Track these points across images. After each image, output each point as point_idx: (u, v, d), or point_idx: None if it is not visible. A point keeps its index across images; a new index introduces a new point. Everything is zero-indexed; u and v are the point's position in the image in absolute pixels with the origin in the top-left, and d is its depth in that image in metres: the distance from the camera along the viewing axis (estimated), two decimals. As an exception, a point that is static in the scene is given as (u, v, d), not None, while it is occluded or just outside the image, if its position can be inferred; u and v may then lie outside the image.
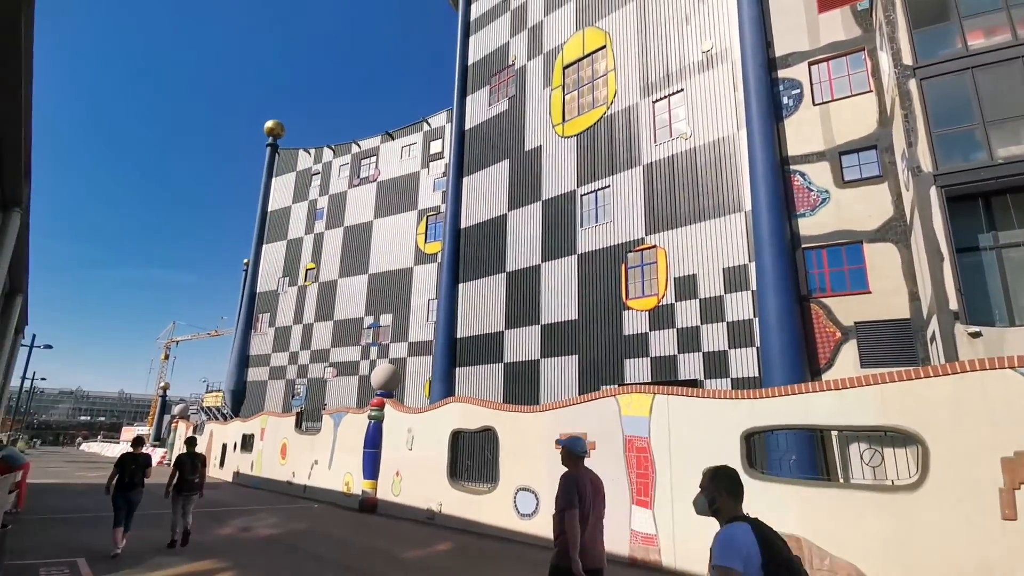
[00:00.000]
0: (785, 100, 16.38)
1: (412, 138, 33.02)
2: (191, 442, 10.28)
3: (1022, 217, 11.54)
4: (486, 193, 24.89)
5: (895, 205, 14.21)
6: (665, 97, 19.23)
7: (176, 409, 41.23)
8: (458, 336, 24.09)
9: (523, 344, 21.45)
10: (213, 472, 25.72)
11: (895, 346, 13.71)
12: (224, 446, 26.00)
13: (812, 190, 15.51)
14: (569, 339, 19.92)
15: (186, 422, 35.58)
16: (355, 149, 35.60)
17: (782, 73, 16.53)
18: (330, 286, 33.75)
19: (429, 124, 32.36)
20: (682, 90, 18.78)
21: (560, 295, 20.65)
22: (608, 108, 20.76)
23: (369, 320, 31.08)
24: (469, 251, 24.91)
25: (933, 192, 11.49)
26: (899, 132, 12.80)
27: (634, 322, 18.15)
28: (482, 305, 23.57)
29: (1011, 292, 11.32)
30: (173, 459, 17.65)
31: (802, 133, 15.91)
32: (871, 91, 15.12)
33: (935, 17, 12.48)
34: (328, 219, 35.48)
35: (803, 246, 15.30)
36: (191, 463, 9.83)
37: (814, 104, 15.92)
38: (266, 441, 21.87)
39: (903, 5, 12.61)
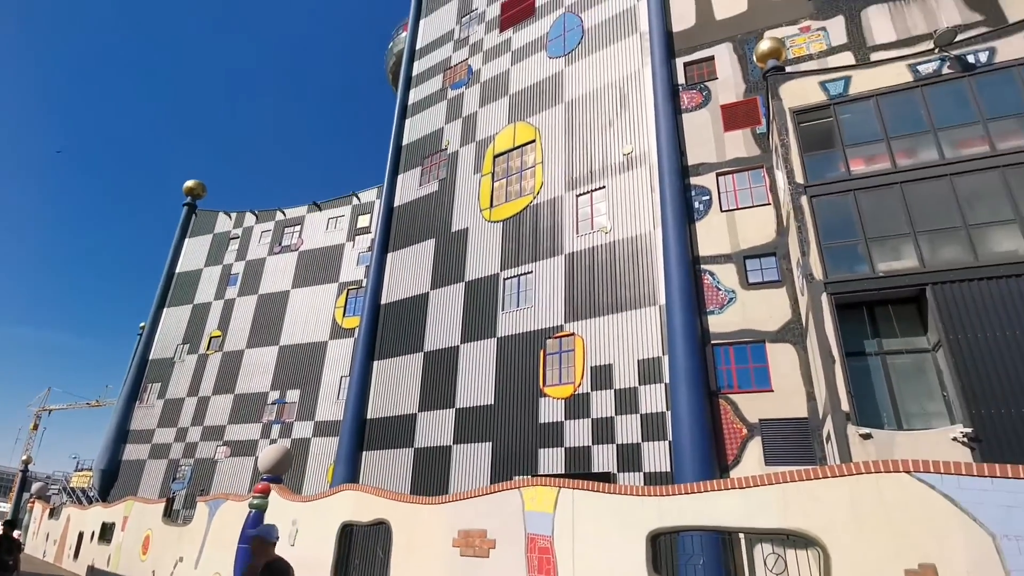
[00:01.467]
0: (697, 204, 17.52)
1: (340, 211, 32.65)
2: (9, 524, 9.23)
3: (903, 327, 12.48)
4: (410, 270, 24.58)
5: (792, 309, 15.11)
6: (588, 192, 20.14)
7: (34, 488, 35.82)
8: (368, 417, 22.73)
9: (436, 428, 20.46)
10: (67, 565, 22.01)
11: (796, 444, 14.06)
12: (80, 534, 22.46)
13: (720, 289, 16.30)
14: (484, 425, 19.20)
15: (43, 503, 30.80)
16: (279, 216, 34.69)
17: (694, 180, 17.79)
18: (235, 356, 31.45)
19: (359, 198, 32.24)
20: (604, 187, 19.76)
21: (477, 378, 20.12)
22: (535, 198, 21.45)
23: (275, 395, 28.94)
24: (388, 328, 24.13)
25: (824, 299, 12.29)
26: (794, 242, 13.84)
27: (550, 410, 17.81)
28: (396, 385, 22.55)
29: (897, 397, 12.00)
30: None
31: (711, 236, 16.93)
32: (770, 204, 16.47)
33: (822, 144, 13.95)
34: (242, 285, 33.69)
35: (712, 342, 15.82)
36: (6, 544, 8.85)
37: (722, 211, 17.10)
38: (128, 531, 19.05)
39: (795, 132, 14.05)
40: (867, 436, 10.98)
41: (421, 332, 22.74)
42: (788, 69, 15.68)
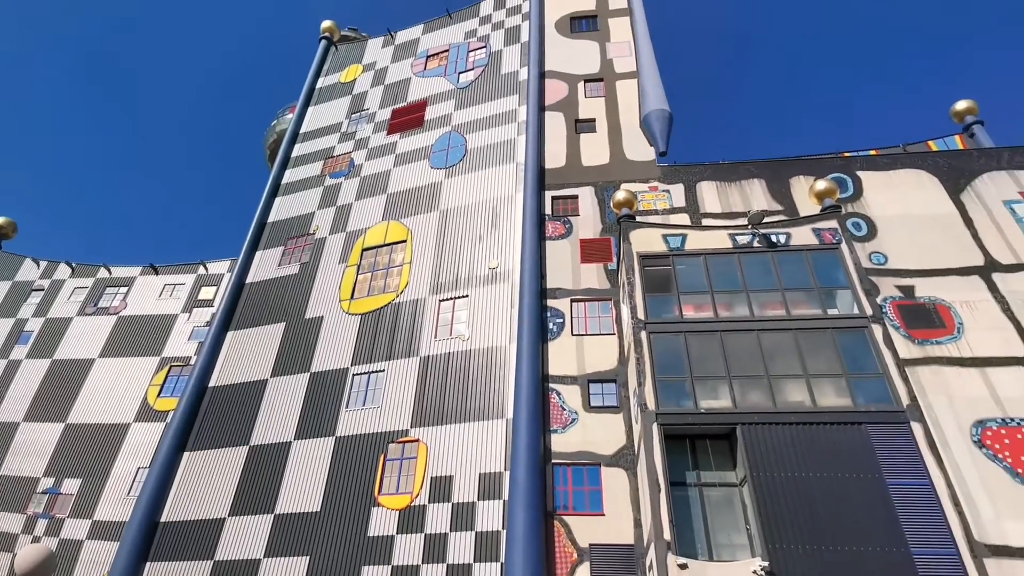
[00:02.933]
0: (551, 325, 18.54)
1: (181, 278, 29.68)
2: None
3: (718, 461, 13.75)
4: (250, 353, 22.58)
5: (627, 435, 16.06)
6: (451, 299, 20.51)
7: None
8: (162, 519, 19.34)
9: (246, 537, 17.91)
10: None
11: (621, 572, 14.31)
12: None
13: (565, 409, 16.94)
14: (305, 536, 17.21)
15: None
16: (103, 274, 30.60)
17: (551, 302, 18.96)
18: (6, 429, 25.70)
19: (207, 268, 29.71)
20: (467, 296, 20.29)
21: (306, 480, 18.30)
22: (398, 296, 21.34)
23: (48, 483, 23.72)
24: (211, 414, 21.47)
25: (655, 428, 13.28)
26: (633, 372, 15.05)
27: (382, 522, 16.55)
28: (207, 481, 19.71)
29: (710, 528, 12.91)
30: None
31: (562, 357, 17.84)
32: (615, 334, 17.94)
33: (662, 287, 15.79)
34: (34, 345, 28.41)
35: (553, 461, 16.11)
36: None
37: (573, 334, 18.24)
38: None
39: (640, 273, 15.81)
40: (684, 566, 11.54)
41: (250, 423, 20.52)
42: (638, 219, 17.91)
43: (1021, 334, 14.72)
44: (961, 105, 24.14)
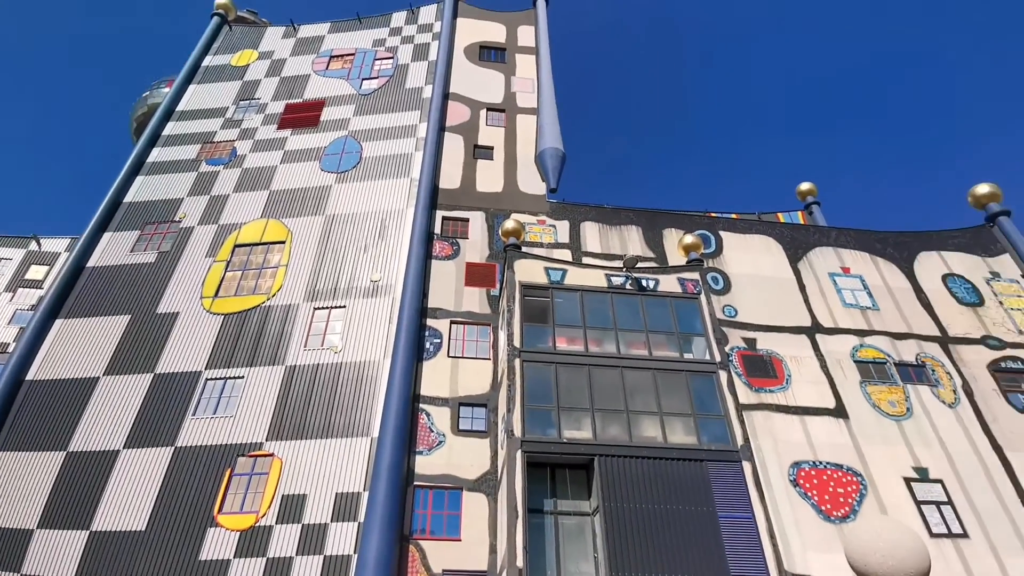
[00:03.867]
0: (428, 345, 18.37)
1: (6, 252, 25.69)
2: None
3: (575, 491, 14.31)
4: (82, 346, 19.89)
5: (492, 460, 16.22)
6: (328, 308, 19.65)
7: None
8: (-61, 535, 16.21)
9: (56, 553, 15.52)
10: None
11: (472, 599, 14.27)
12: None
13: (433, 431, 16.76)
14: (124, 558, 15.25)
15: None
16: (-101, 235, 25.63)
17: (430, 322, 18.82)
18: None
19: (39, 244, 25.99)
20: (345, 307, 19.56)
21: (133, 494, 16.30)
22: (268, 299, 20.05)
23: None
24: (24, 412, 18.51)
25: (519, 455, 13.56)
26: (503, 398, 15.32)
27: (218, 544, 15.15)
28: (14, 488, 16.91)
29: (562, 556, 13.33)
30: None
31: (435, 378, 17.70)
32: (490, 359, 18.18)
33: (539, 318, 16.33)
34: None
35: (415, 483, 15.80)
36: None
37: (449, 356, 18.20)
38: None
39: (520, 302, 16.26)
40: (532, 593, 11.78)
41: (71, 425, 17.96)
42: (524, 249, 18.47)
43: (832, 388, 17.06)
44: (804, 186, 27.96)
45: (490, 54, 28.51)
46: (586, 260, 19.75)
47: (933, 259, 20.96)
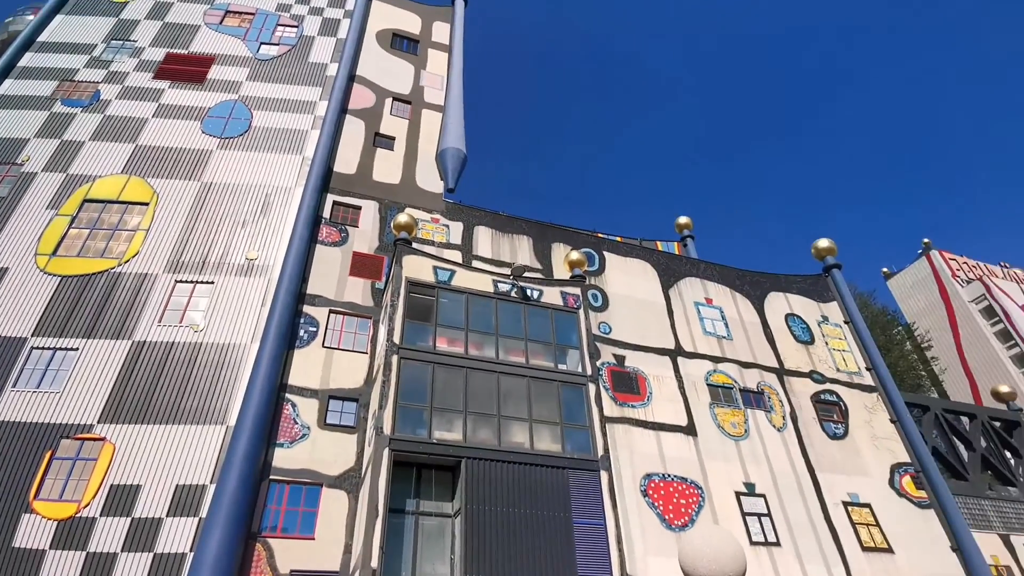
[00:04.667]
0: (302, 332, 17.45)
1: None
2: None
3: (439, 492, 14.27)
4: None
5: (357, 457, 15.74)
6: (192, 282, 18.01)
7: None
8: None
9: None
10: None
11: (319, 600, 13.70)
12: None
13: (297, 423, 15.93)
14: None
15: None
16: None
17: (307, 308, 17.91)
18: None
19: None
20: (213, 283, 18.05)
21: (-84, 477, 13.79)
22: (120, 265, 17.96)
23: None
24: None
25: (386, 453, 13.28)
26: (376, 395, 14.93)
27: (33, 532, 13.26)
28: None
29: (418, 557, 13.21)
30: None
31: (306, 367, 16.84)
32: (367, 353, 17.67)
33: (422, 316, 16.15)
34: None
35: (271, 477, 14.90)
36: None
37: (324, 346, 17.42)
38: None
39: (405, 298, 15.98)
40: (384, 594, 11.55)
41: None
42: (415, 245, 18.21)
43: (686, 408, 18.60)
44: (682, 220, 30.31)
45: (403, 43, 27.91)
46: (476, 264, 19.89)
47: (780, 299, 23.63)
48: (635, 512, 15.66)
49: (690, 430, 18.10)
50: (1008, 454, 23.29)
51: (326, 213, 20.28)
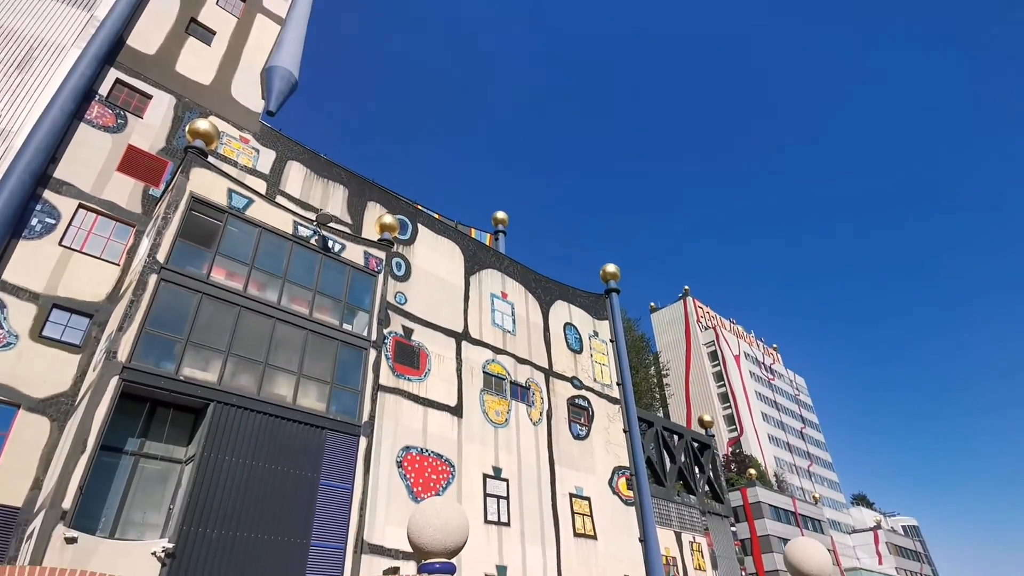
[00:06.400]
0: (35, 221, 14.23)
1: None
2: None
3: (174, 434, 12.76)
4: None
5: (75, 382, 13.34)
6: None
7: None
8: None
9: None
10: None
11: (-20, 541, 11.31)
12: None
13: (2, 327, 12.95)
14: None
15: None
16: None
17: (48, 195, 14.64)
18: None
19: None
20: (-92, 128, 13.72)
21: None
22: None
23: None
24: None
25: (114, 382, 11.44)
26: (119, 314, 12.80)
27: None
28: None
29: (128, 502, 11.65)
30: None
31: (32, 264, 13.77)
32: (119, 265, 15.07)
33: (201, 240, 14.26)
34: None
35: (-58, 387, 11.85)
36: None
37: (61, 244, 14.42)
38: None
39: (183, 214, 13.95)
40: (72, 540, 9.99)
41: None
42: (211, 159, 16.01)
43: (459, 390, 19.36)
44: (500, 215, 31.51)
45: (253, -69, 24.31)
46: (280, 200, 18.22)
47: (564, 308, 25.90)
48: (386, 481, 15.82)
49: (457, 411, 18.87)
50: (697, 469, 28.70)
51: (103, 90, 16.78)
